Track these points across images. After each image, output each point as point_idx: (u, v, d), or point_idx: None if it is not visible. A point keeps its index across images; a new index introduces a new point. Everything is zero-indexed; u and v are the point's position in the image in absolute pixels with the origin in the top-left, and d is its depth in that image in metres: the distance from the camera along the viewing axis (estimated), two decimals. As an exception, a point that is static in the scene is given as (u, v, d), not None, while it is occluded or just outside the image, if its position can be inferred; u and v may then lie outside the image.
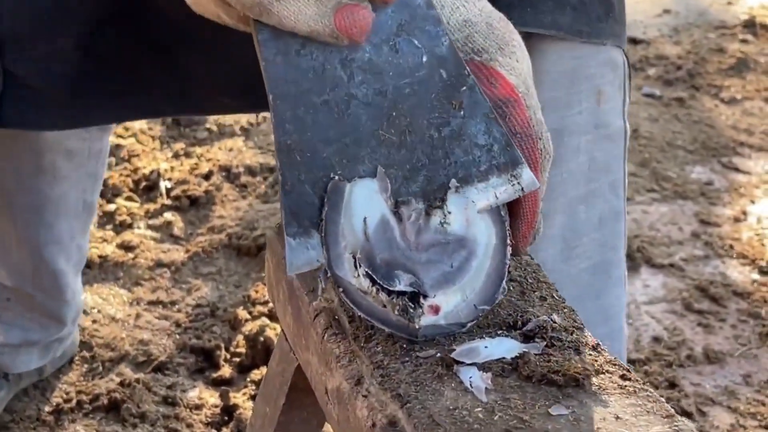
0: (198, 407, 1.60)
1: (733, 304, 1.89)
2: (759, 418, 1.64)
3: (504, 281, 0.71)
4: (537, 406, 0.62)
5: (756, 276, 1.98)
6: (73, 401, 1.60)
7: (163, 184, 2.16)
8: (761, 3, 3.27)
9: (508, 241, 0.71)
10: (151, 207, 2.10)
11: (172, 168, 2.22)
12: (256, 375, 1.65)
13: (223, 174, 2.23)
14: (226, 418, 1.60)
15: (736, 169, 2.37)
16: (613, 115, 1.07)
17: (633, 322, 1.84)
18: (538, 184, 0.72)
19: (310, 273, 0.76)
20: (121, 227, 2.03)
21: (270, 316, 1.75)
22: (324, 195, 0.69)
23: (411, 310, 0.69)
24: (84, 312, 1.73)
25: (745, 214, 2.18)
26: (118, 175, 2.17)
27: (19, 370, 1.58)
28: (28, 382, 1.61)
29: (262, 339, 1.69)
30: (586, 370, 0.65)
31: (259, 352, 1.68)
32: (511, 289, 0.75)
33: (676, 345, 1.78)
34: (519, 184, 0.71)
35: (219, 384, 1.65)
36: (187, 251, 1.98)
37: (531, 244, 0.76)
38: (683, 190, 2.27)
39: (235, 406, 1.60)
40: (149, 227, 2.05)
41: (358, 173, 0.69)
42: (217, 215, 2.09)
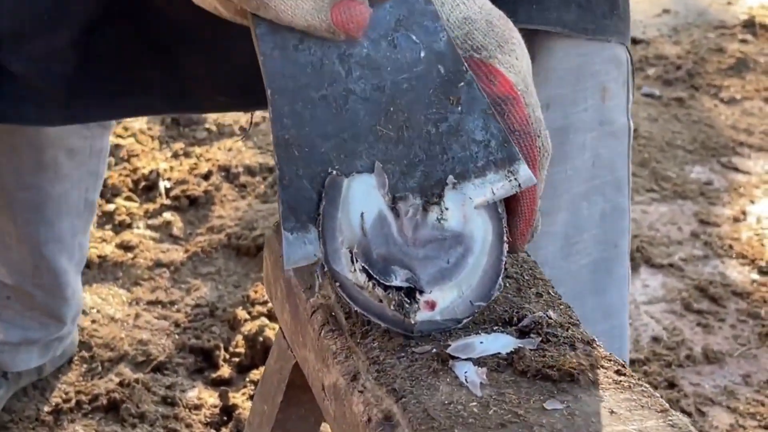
0: (197, 407, 1.60)
1: (732, 304, 1.89)
2: (758, 418, 1.63)
3: (500, 278, 0.71)
4: (532, 400, 0.62)
5: (755, 276, 1.98)
6: (72, 401, 1.60)
7: (163, 184, 2.16)
8: (761, 3, 3.27)
9: (505, 238, 0.71)
10: (151, 207, 2.10)
11: (172, 168, 2.22)
12: (255, 375, 1.65)
13: (222, 174, 2.23)
14: (225, 418, 1.59)
15: (736, 169, 2.37)
16: (617, 112, 1.07)
17: (632, 322, 1.83)
18: (535, 181, 0.72)
19: (307, 270, 0.76)
20: (121, 227, 2.03)
21: (269, 316, 1.75)
22: (322, 190, 0.69)
23: (407, 306, 0.69)
24: (83, 312, 1.73)
25: (744, 214, 2.18)
26: (118, 175, 2.17)
27: (19, 369, 1.58)
28: (27, 381, 1.61)
29: (261, 339, 1.68)
30: (581, 365, 0.65)
31: (258, 352, 1.68)
32: (507, 285, 0.75)
33: (676, 345, 1.78)
34: (516, 180, 0.71)
35: (218, 384, 1.65)
36: (186, 251, 1.98)
37: (529, 241, 0.76)
38: (683, 190, 2.27)
39: (234, 406, 1.60)
40: (148, 227, 2.05)
41: (355, 168, 0.69)
42: (216, 215, 2.09)
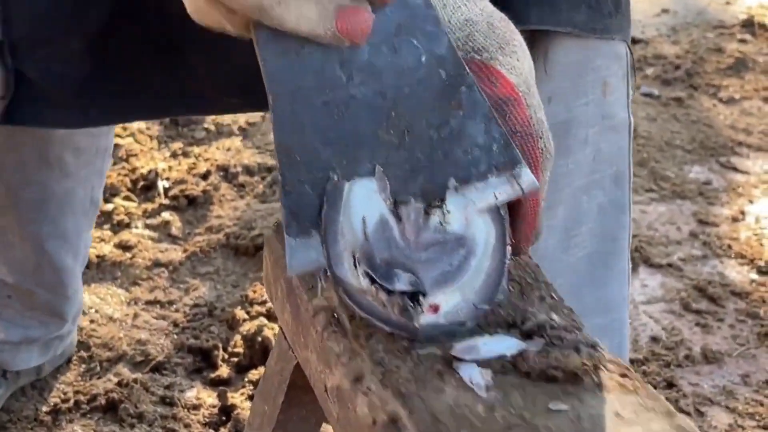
0: (196, 407, 1.60)
1: (731, 303, 1.89)
2: (757, 418, 1.64)
3: (504, 281, 0.71)
4: (537, 403, 0.62)
5: (754, 276, 1.98)
6: (71, 401, 1.60)
7: (161, 184, 2.16)
8: (760, 2, 3.27)
9: (508, 241, 0.71)
10: (149, 207, 2.10)
11: (170, 168, 2.22)
12: (254, 375, 1.65)
13: (221, 174, 2.23)
14: (224, 418, 1.59)
15: (735, 168, 2.37)
16: (618, 106, 1.08)
17: (631, 322, 1.83)
18: (538, 185, 0.72)
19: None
20: (119, 227, 2.03)
21: (268, 316, 1.75)
22: (324, 195, 0.69)
23: (411, 309, 0.69)
24: (82, 312, 1.73)
25: (743, 213, 2.18)
26: (116, 174, 2.17)
27: (19, 368, 1.58)
28: (26, 380, 1.61)
29: (260, 339, 1.68)
30: (585, 366, 0.65)
31: (257, 352, 1.68)
32: (510, 289, 0.75)
33: (675, 345, 1.78)
34: (518, 184, 0.71)
35: (217, 384, 1.65)
36: (185, 251, 1.98)
37: (533, 244, 0.76)
38: (681, 189, 2.27)
39: (233, 406, 1.60)
40: (147, 227, 2.05)
41: (357, 174, 0.69)
42: (215, 215, 2.09)
